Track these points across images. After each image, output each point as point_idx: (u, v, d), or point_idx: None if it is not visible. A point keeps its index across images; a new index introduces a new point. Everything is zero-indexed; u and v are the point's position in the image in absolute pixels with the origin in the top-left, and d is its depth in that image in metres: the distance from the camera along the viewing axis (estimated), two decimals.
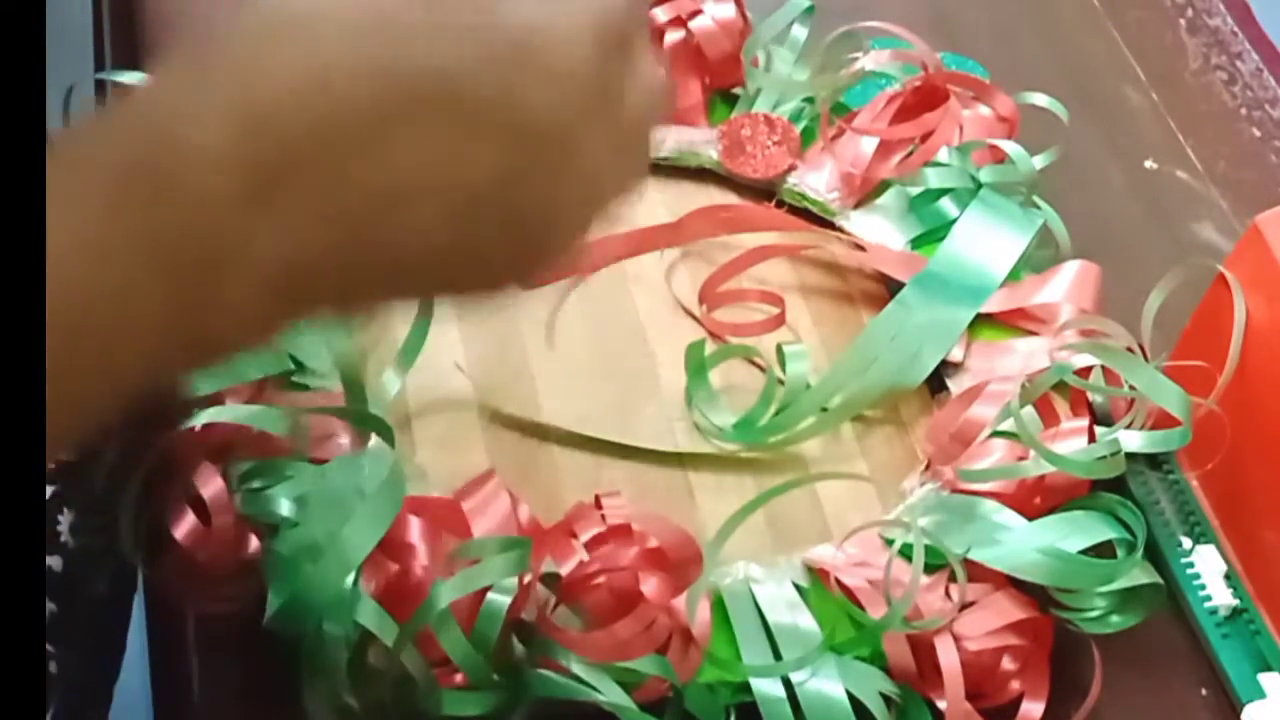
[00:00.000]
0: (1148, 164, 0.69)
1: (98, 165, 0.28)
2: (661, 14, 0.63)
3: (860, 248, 0.60)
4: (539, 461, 0.53)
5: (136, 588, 0.58)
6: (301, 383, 0.50)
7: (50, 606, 0.53)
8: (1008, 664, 0.48)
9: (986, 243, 0.59)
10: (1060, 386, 0.52)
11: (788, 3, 0.66)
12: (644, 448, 0.54)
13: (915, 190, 0.61)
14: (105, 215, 0.28)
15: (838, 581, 0.49)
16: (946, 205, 0.61)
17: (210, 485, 0.46)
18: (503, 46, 0.30)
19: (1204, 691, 0.52)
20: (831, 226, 0.62)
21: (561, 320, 0.57)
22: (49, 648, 0.52)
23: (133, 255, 0.28)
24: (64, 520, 0.55)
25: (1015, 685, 0.48)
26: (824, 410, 0.55)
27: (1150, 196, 0.68)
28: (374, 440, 0.47)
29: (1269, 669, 0.51)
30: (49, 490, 0.55)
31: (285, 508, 0.46)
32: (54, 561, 0.54)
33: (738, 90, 0.65)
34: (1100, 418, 0.54)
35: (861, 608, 0.48)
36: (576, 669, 0.44)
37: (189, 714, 0.48)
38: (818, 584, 0.50)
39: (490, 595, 0.43)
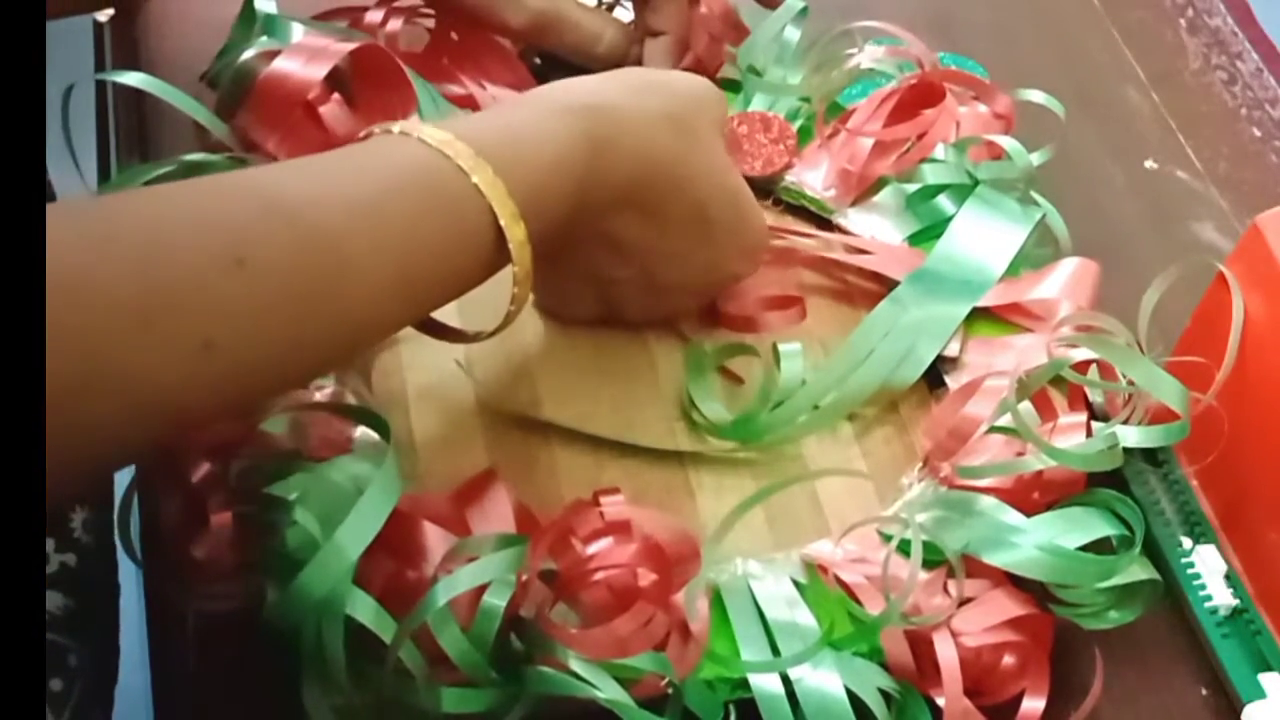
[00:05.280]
0: (1148, 164, 0.69)
1: (576, 115, 0.47)
2: None
3: (862, 251, 0.60)
4: (539, 461, 0.53)
5: (120, 591, 0.58)
6: None
7: (67, 602, 0.53)
8: (1007, 661, 0.48)
9: (984, 239, 0.59)
10: (1058, 382, 0.53)
11: (783, 5, 0.66)
12: (644, 447, 0.54)
13: (912, 187, 0.61)
14: (573, 141, 0.47)
15: (836, 578, 0.49)
16: (944, 202, 0.61)
17: (209, 483, 0.46)
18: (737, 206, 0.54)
19: (1204, 691, 0.52)
20: (829, 224, 0.62)
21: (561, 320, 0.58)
22: (67, 641, 0.53)
23: (581, 156, 0.47)
24: (76, 517, 0.55)
25: (1015, 682, 0.48)
26: (816, 407, 0.55)
27: (1150, 196, 0.68)
28: (371, 435, 0.47)
29: (1269, 669, 0.51)
30: None
31: (284, 506, 0.46)
32: (68, 558, 0.54)
33: (735, 82, 0.65)
34: (1098, 416, 0.54)
35: (860, 604, 0.48)
36: (575, 666, 0.44)
37: (189, 712, 0.49)
38: (816, 580, 0.50)
39: (488, 593, 0.43)
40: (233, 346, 0.37)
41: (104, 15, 0.69)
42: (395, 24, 0.61)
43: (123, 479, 0.49)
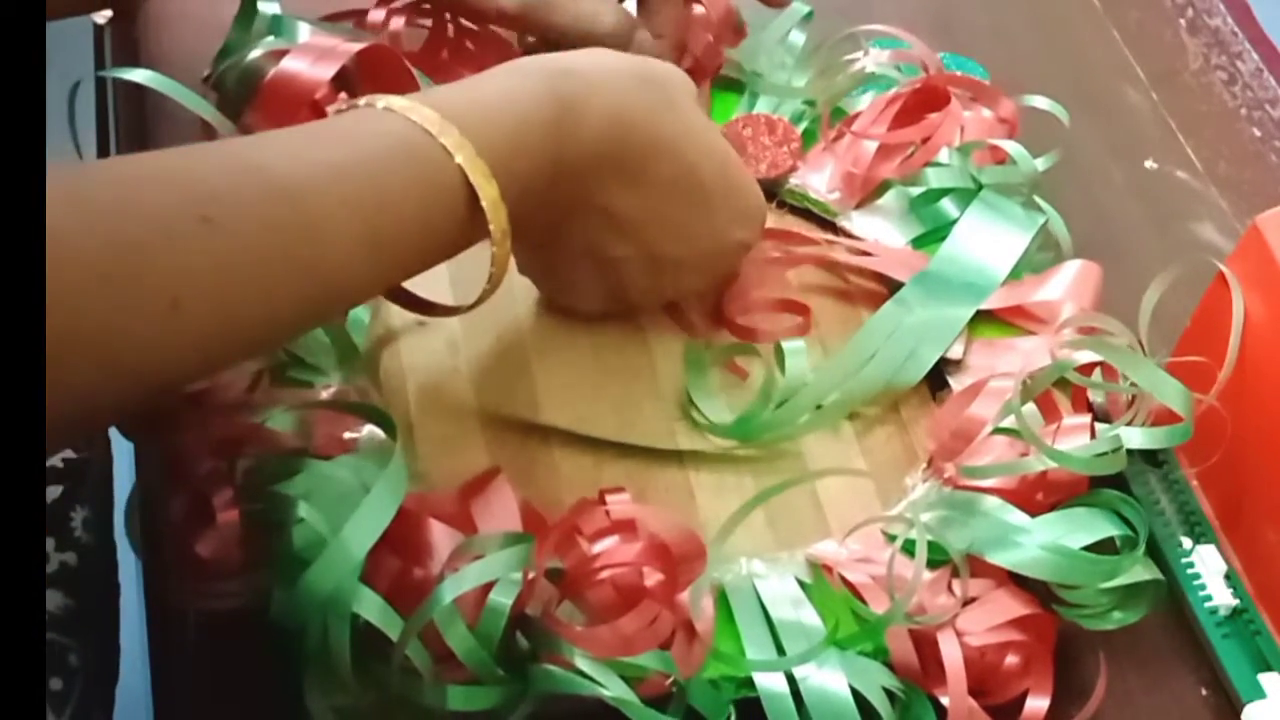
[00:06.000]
0: (1148, 164, 0.70)
1: (542, 75, 0.48)
2: None
3: (866, 254, 0.60)
4: (539, 461, 0.53)
5: (120, 590, 0.58)
6: (301, 378, 0.50)
7: (68, 602, 0.53)
8: (1011, 660, 0.48)
9: (987, 243, 0.59)
10: (1062, 384, 0.53)
11: (788, 9, 0.66)
12: (644, 447, 0.54)
13: (916, 191, 0.61)
14: (539, 100, 0.47)
15: (841, 577, 0.49)
16: (947, 206, 0.61)
17: (214, 481, 0.46)
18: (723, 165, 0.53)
19: (1204, 691, 0.52)
20: (833, 227, 0.62)
21: (562, 320, 0.58)
22: (67, 641, 0.53)
23: (549, 114, 0.47)
24: (76, 517, 0.55)
25: (1019, 682, 0.48)
26: (819, 407, 0.55)
27: (1150, 196, 0.68)
28: (377, 434, 0.47)
29: (1269, 669, 0.51)
30: (59, 489, 0.55)
31: (290, 504, 0.46)
32: (68, 557, 0.54)
33: (736, 83, 0.65)
34: (1100, 417, 0.54)
35: (865, 603, 0.48)
36: (580, 664, 0.44)
37: (189, 712, 0.48)
38: (821, 579, 0.50)
39: (494, 591, 0.43)
40: (201, 305, 0.37)
41: (102, 17, 0.69)
42: (397, 23, 0.61)
43: (124, 479, 0.49)
